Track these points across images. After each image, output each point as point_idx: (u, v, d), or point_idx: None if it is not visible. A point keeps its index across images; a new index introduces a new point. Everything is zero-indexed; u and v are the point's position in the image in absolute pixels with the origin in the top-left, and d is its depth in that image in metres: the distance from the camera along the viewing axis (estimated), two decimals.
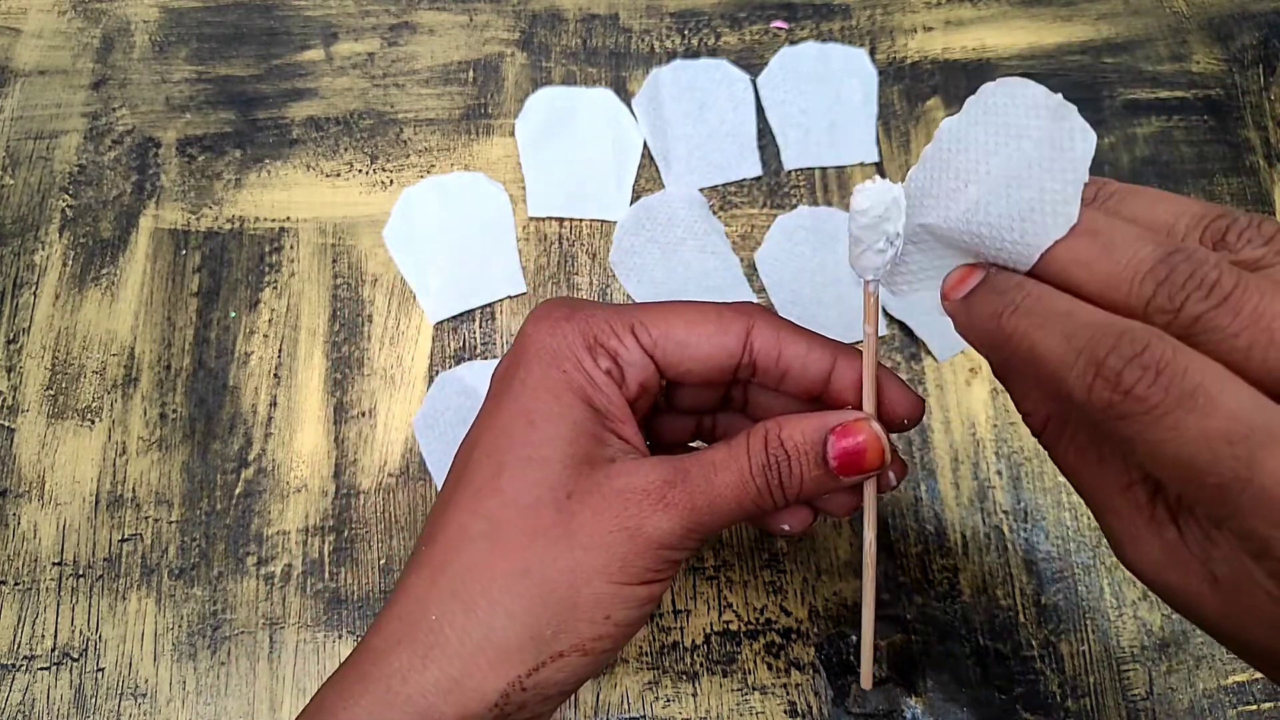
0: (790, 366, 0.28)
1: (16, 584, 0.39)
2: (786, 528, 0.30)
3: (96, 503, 0.40)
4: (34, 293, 0.44)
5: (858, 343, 0.43)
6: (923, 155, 0.24)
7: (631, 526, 0.25)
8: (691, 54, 0.49)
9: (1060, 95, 0.22)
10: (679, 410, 0.33)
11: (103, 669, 0.38)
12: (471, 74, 0.49)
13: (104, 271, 0.44)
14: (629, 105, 0.48)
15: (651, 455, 0.28)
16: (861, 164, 0.47)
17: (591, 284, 0.45)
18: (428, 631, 0.25)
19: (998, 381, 0.43)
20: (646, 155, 0.47)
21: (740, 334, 0.28)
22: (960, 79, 0.49)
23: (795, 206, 0.46)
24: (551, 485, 0.26)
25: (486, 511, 0.26)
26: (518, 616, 0.25)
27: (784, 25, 0.50)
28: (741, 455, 0.27)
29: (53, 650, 0.38)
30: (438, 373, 0.43)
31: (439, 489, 0.41)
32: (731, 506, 0.26)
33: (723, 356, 0.28)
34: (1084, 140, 0.22)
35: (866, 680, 0.31)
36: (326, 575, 0.40)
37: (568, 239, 0.45)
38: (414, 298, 0.44)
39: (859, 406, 0.28)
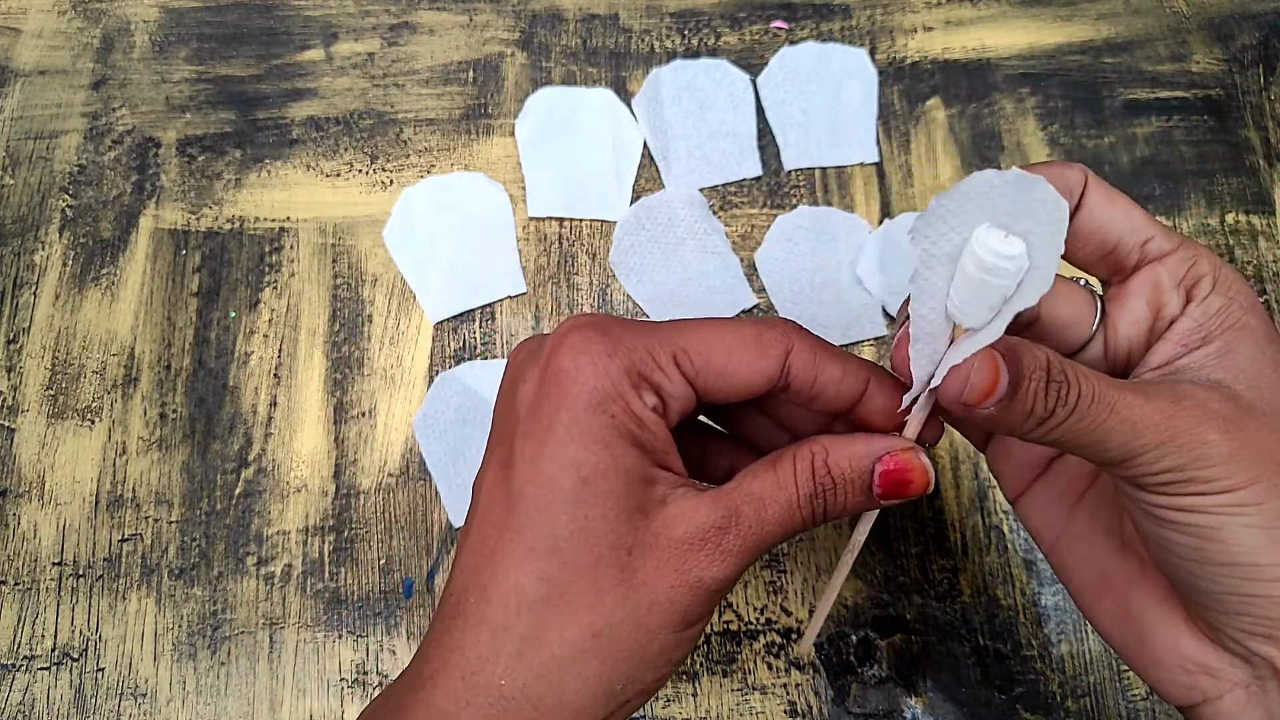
0: (824, 391, 0.28)
1: (16, 584, 0.39)
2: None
3: (96, 503, 0.40)
4: (34, 293, 0.44)
5: (855, 345, 0.43)
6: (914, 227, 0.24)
7: (692, 580, 0.26)
8: (691, 54, 0.49)
9: (1016, 169, 0.22)
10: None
11: (103, 669, 0.38)
12: (471, 74, 0.49)
13: (104, 271, 0.44)
14: (629, 105, 0.48)
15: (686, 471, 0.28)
16: (861, 164, 0.47)
17: (591, 284, 0.45)
18: (499, 697, 0.25)
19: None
20: (646, 155, 0.47)
21: (779, 359, 0.28)
22: (960, 79, 0.49)
23: (795, 206, 0.46)
24: (611, 544, 0.25)
25: (545, 574, 0.25)
26: (590, 680, 0.25)
27: (784, 25, 0.50)
28: (789, 485, 0.27)
29: (53, 650, 0.38)
30: (438, 373, 0.43)
31: (438, 490, 0.41)
32: (777, 537, 0.27)
33: (761, 382, 0.28)
34: (1058, 208, 0.22)
35: (805, 648, 0.31)
36: (326, 575, 0.40)
37: (568, 239, 0.45)
38: (414, 298, 0.44)
39: (891, 427, 0.28)
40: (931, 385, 0.25)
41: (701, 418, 0.32)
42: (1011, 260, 0.23)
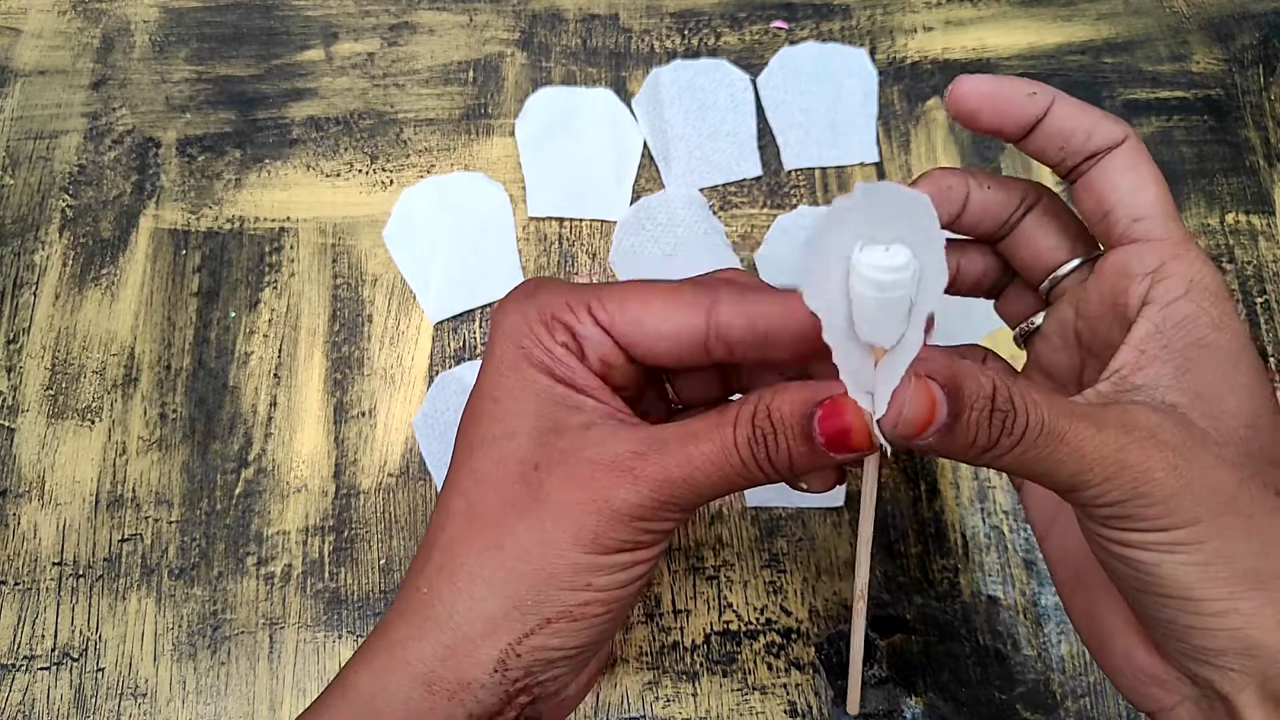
0: (770, 330, 0.27)
1: (16, 584, 0.39)
2: (804, 486, 0.29)
3: (96, 503, 0.40)
4: (34, 293, 0.44)
5: None
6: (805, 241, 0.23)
7: (599, 499, 0.25)
8: (691, 54, 0.49)
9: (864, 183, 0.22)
10: (691, 404, 0.32)
11: (103, 669, 0.38)
12: (471, 74, 0.49)
13: (104, 271, 0.44)
14: (629, 105, 0.48)
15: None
16: (861, 164, 0.47)
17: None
18: (421, 604, 0.26)
19: None
20: (646, 155, 0.47)
21: (701, 309, 0.27)
22: None
23: (795, 206, 0.46)
24: (519, 459, 0.26)
25: (464, 489, 0.27)
26: (497, 587, 0.26)
27: (784, 25, 0.50)
28: (727, 426, 0.25)
29: (53, 650, 0.38)
30: (438, 373, 0.43)
31: (438, 490, 0.41)
32: (713, 479, 0.26)
33: (685, 332, 0.27)
34: (918, 203, 0.22)
35: (853, 708, 0.30)
36: (326, 575, 0.40)
37: (568, 239, 0.46)
38: (414, 298, 0.44)
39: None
40: (876, 416, 0.24)
41: None
42: (902, 269, 0.22)
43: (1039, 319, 0.31)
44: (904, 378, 0.23)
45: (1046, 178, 0.45)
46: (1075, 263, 0.29)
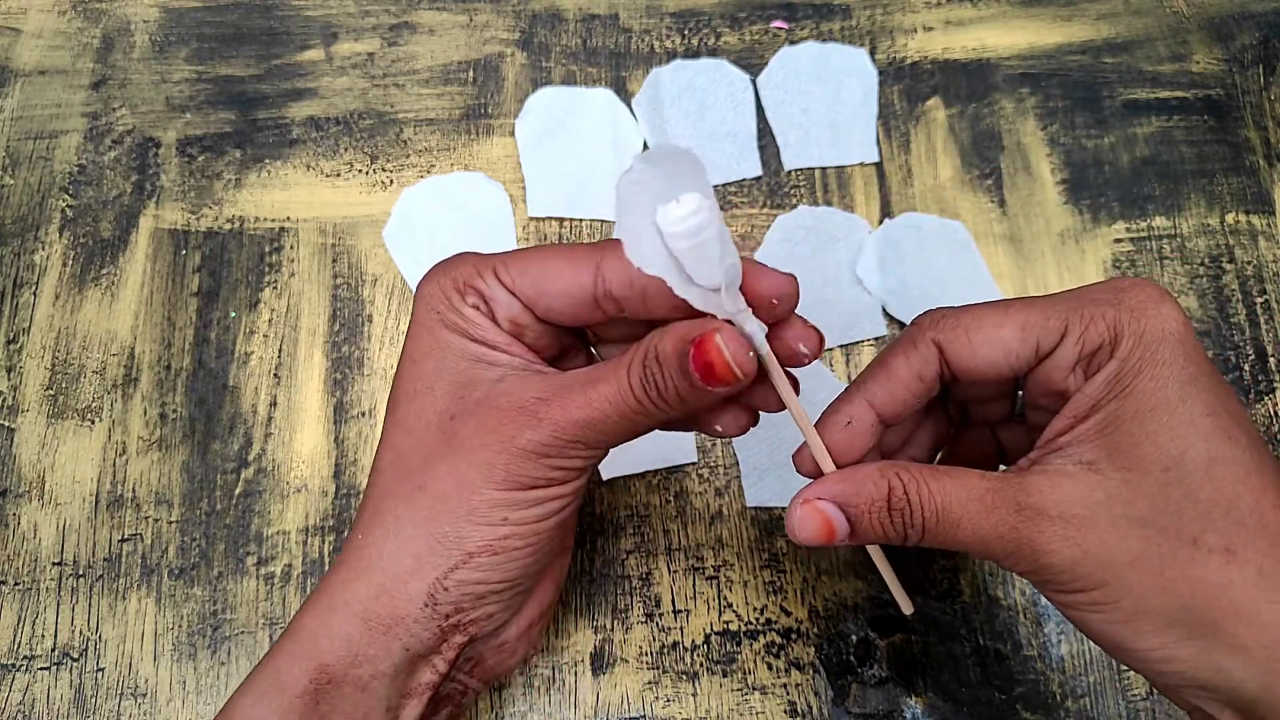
0: (647, 285, 0.27)
1: (16, 584, 0.39)
2: (719, 428, 0.31)
3: (96, 503, 0.40)
4: (34, 293, 0.44)
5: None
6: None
7: (506, 441, 0.27)
8: (691, 54, 0.49)
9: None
10: None
11: (103, 669, 0.38)
12: (471, 74, 0.49)
13: (104, 271, 0.44)
14: (629, 105, 0.48)
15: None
16: (861, 164, 0.47)
17: None
18: (357, 549, 0.29)
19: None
20: None
21: (589, 266, 0.28)
22: (960, 79, 0.49)
23: (795, 206, 0.46)
24: (437, 411, 0.29)
25: (391, 443, 0.30)
26: (421, 526, 0.28)
27: (784, 25, 0.50)
28: (623, 369, 0.27)
29: (53, 650, 0.38)
30: None
31: None
32: (613, 417, 0.27)
33: (575, 289, 0.28)
34: (679, 151, 0.25)
35: (907, 606, 0.32)
36: None
37: (568, 239, 0.45)
38: (414, 298, 0.44)
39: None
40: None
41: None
42: (697, 213, 0.25)
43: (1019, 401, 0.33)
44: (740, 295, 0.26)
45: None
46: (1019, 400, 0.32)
